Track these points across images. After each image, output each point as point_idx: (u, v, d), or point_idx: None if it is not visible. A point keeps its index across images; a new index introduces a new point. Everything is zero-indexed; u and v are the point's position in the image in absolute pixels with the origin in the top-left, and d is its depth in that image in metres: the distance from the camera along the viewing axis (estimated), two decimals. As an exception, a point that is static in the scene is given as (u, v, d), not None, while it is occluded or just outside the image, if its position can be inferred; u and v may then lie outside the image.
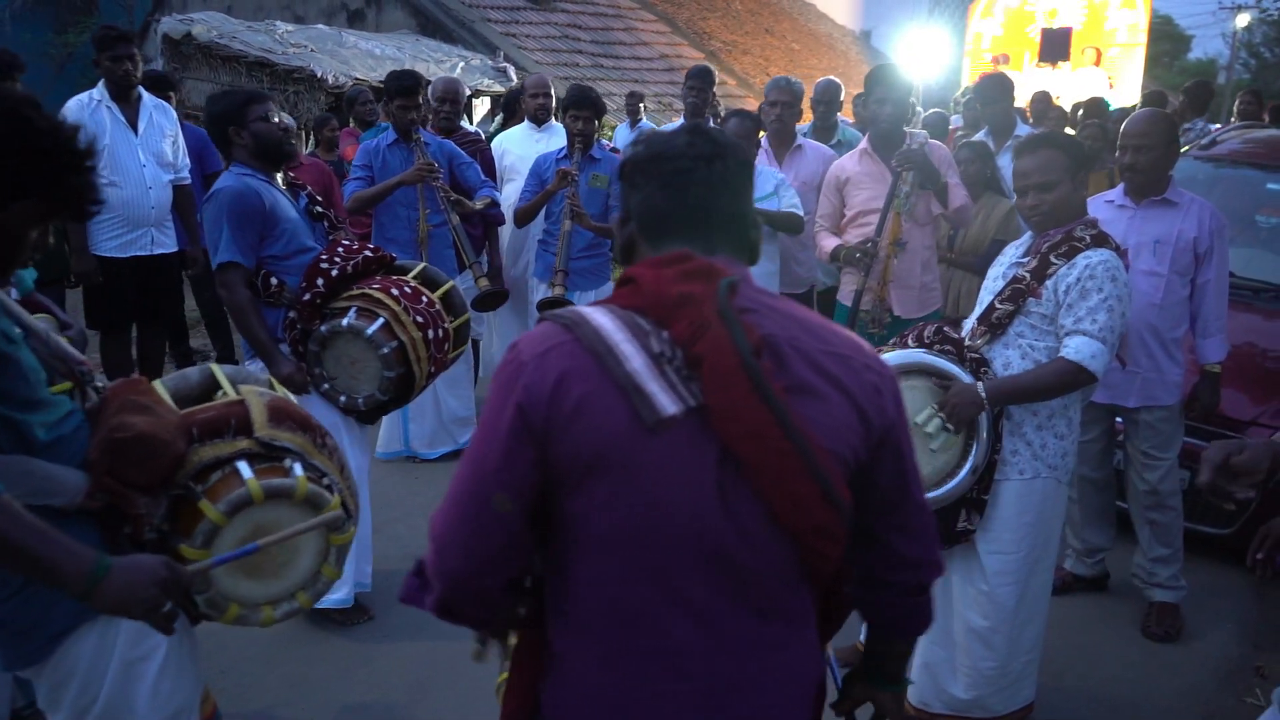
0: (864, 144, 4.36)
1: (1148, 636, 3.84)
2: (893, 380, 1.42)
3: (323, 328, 3.27)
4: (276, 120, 3.46)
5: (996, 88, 5.62)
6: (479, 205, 4.86)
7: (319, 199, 3.73)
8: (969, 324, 3.01)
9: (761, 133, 5.24)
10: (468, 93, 10.25)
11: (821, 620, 1.48)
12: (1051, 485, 2.96)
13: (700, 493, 1.30)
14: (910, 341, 2.95)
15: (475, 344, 5.70)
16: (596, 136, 7.66)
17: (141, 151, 5.09)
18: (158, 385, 2.23)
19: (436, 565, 1.37)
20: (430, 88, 5.66)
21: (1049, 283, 2.82)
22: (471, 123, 10.01)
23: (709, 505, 1.30)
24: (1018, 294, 2.86)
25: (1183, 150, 5.74)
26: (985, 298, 3.00)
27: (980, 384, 2.80)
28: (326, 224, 3.68)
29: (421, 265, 3.68)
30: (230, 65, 9.69)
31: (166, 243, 5.27)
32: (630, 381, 1.27)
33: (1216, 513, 4.32)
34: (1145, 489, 3.83)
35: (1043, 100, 8.58)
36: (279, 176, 3.60)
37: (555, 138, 5.72)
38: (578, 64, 12.96)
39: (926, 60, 12.22)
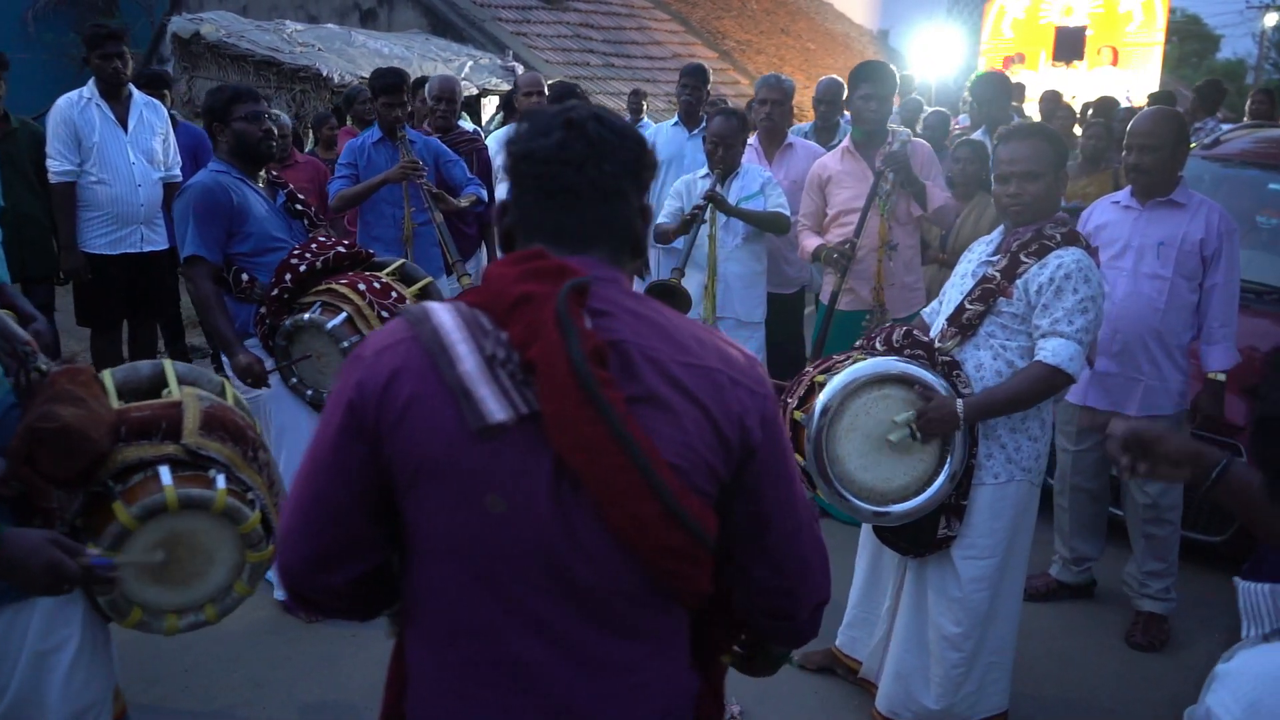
0: (846, 142, 4.31)
1: (1132, 646, 3.76)
2: (769, 401, 1.33)
3: (286, 322, 3.29)
4: (267, 119, 3.50)
5: (993, 86, 5.54)
6: (464, 203, 4.83)
7: (299, 196, 3.75)
8: (937, 325, 2.95)
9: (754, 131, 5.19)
10: (475, 91, 10.27)
11: (706, 642, 1.42)
12: (1025, 488, 2.91)
13: (534, 506, 1.23)
14: (878, 345, 2.89)
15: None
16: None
17: (131, 149, 5.10)
18: (105, 376, 2.22)
19: (278, 559, 1.35)
20: (427, 86, 5.65)
21: (1020, 282, 2.76)
22: (480, 122, 10.02)
23: (544, 519, 1.24)
24: (988, 294, 2.79)
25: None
26: (954, 296, 2.93)
27: (959, 401, 2.73)
28: (306, 221, 3.69)
29: (400, 261, 3.67)
30: (239, 64, 9.73)
31: (157, 240, 5.28)
32: (459, 384, 1.21)
33: (1208, 520, 4.23)
34: (1145, 502, 3.74)
35: (1051, 99, 8.49)
36: (261, 174, 3.63)
37: None
38: (589, 63, 12.92)
39: (941, 59, 12.11)
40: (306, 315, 3.25)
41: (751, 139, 5.23)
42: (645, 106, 8.02)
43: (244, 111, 3.49)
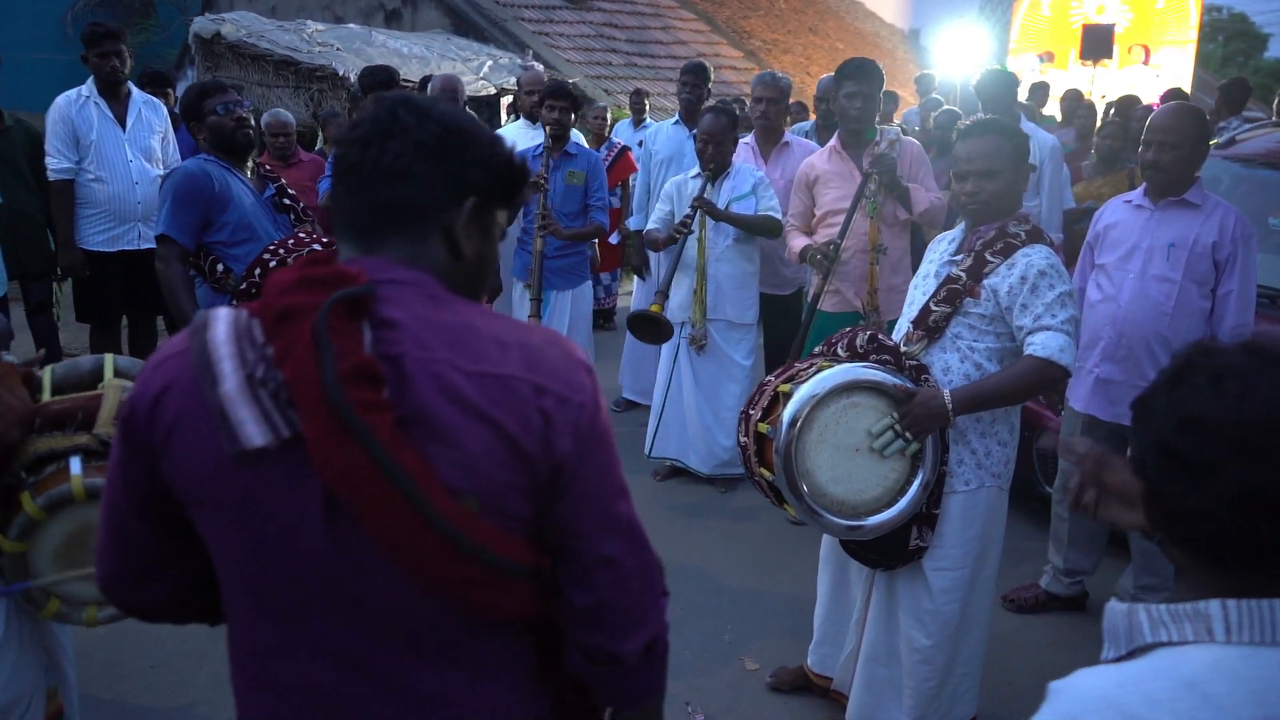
0: (834, 141, 4.22)
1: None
2: (584, 409, 1.20)
3: None
4: (239, 109, 3.50)
5: (998, 84, 5.40)
6: None
7: (290, 191, 3.75)
8: (901, 327, 2.86)
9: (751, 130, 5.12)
10: (493, 91, 10.27)
11: (552, 670, 1.33)
12: (995, 494, 2.82)
13: (306, 534, 1.15)
14: (842, 351, 2.79)
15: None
16: (608, 133, 7.63)
17: (129, 147, 5.13)
18: (46, 372, 2.20)
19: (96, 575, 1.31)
20: (430, 85, 5.64)
21: (988, 282, 2.66)
22: (500, 121, 10.03)
23: (320, 548, 1.15)
24: (954, 294, 2.70)
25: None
26: (917, 298, 2.84)
27: (946, 392, 2.64)
28: (292, 216, 3.69)
29: None
30: (258, 64, 9.83)
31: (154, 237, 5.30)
32: (218, 405, 1.12)
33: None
34: None
35: (1073, 98, 8.32)
36: (250, 165, 3.64)
37: None
38: (610, 63, 12.90)
39: (968, 59, 11.92)
40: None
41: (748, 138, 5.16)
42: (648, 106, 7.95)
43: (214, 104, 3.50)
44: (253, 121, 3.61)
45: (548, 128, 4.85)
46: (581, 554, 1.23)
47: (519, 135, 5.92)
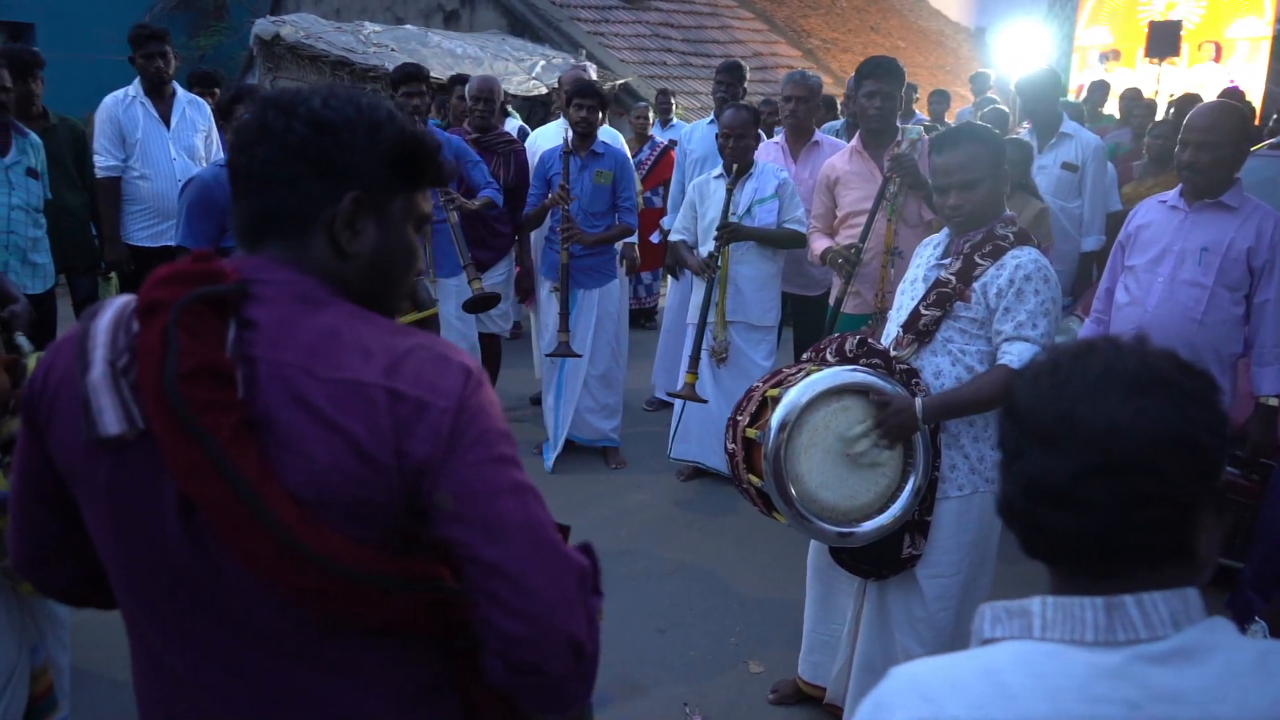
0: (855, 141, 4.16)
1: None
2: (447, 414, 1.15)
3: None
4: None
5: (1040, 84, 5.27)
6: (476, 205, 4.85)
7: None
8: (891, 331, 2.81)
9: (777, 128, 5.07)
10: (544, 91, 10.33)
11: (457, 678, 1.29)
12: (989, 500, 2.76)
13: (165, 528, 1.15)
14: (830, 356, 2.76)
15: (495, 339, 5.70)
16: (646, 130, 7.62)
17: (173, 146, 5.28)
18: (32, 358, 2.28)
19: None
20: (467, 86, 5.70)
21: (977, 285, 2.61)
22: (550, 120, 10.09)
23: (174, 543, 1.15)
24: (944, 298, 2.65)
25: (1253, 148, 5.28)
26: (905, 302, 2.79)
27: (918, 400, 2.60)
28: None
29: None
30: (315, 64, 10.01)
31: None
32: (84, 391, 1.14)
33: (1228, 543, 3.95)
34: None
35: (1132, 97, 8.08)
36: None
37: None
38: (665, 63, 12.87)
39: (1029, 57, 11.66)
40: None
41: (778, 137, 5.12)
42: (674, 106, 7.94)
43: (242, 111, 3.58)
44: None
45: (575, 126, 4.86)
46: (466, 561, 1.17)
47: (555, 135, 5.94)
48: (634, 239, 5.79)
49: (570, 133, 4.92)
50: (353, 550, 1.13)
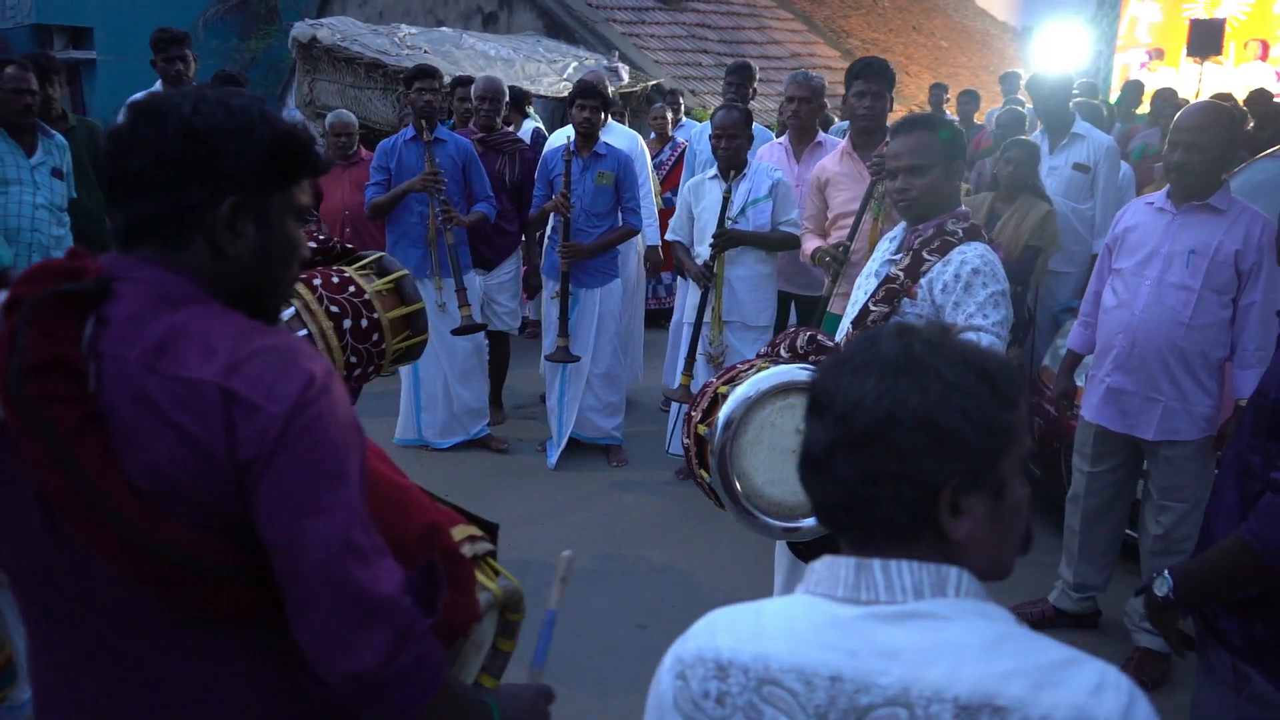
0: (844, 143, 4.17)
1: (1123, 684, 3.48)
2: (274, 418, 1.18)
3: None
4: None
5: (1051, 84, 5.22)
6: (468, 221, 4.97)
7: None
8: (843, 328, 2.82)
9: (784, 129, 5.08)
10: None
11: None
12: None
13: (27, 517, 1.20)
14: (783, 352, 2.77)
15: (504, 337, 5.78)
16: (667, 131, 7.66)
17: (193, 146, 5.44)
18: None
19: None
20: (473, 86, 5.79)
21: (924, 281, 2.62)
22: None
23: (37, 532, 1.20)
24: (892, 294, 2.66)
25: (1270, 151, 5.18)
26: (859, 297, 2.80)
27: None
28: None
29: (377, 255, 3.77)
30: (351, 66, 10.19)
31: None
32: None
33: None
34: (1157, 532, 3.44)
35: (1165, 97, 7.94)
36: None
37: (608, 135, 5.80)
38: (700, 64, 12.90)
39: (1067, 57, 11.48)
40: None
41: (782, 137, 5.13)
42: (683, 106, 7.96)
43: None
44: None
45: (578, 127, 4.91)
46: (281, 564, 1.20)
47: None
48: (656, 240, 5.85)
49: (573, 134, 4.98)
50: (192, 541, 1.18)
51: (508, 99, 5.86)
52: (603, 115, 4.99)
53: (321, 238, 3.64)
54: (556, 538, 4.40)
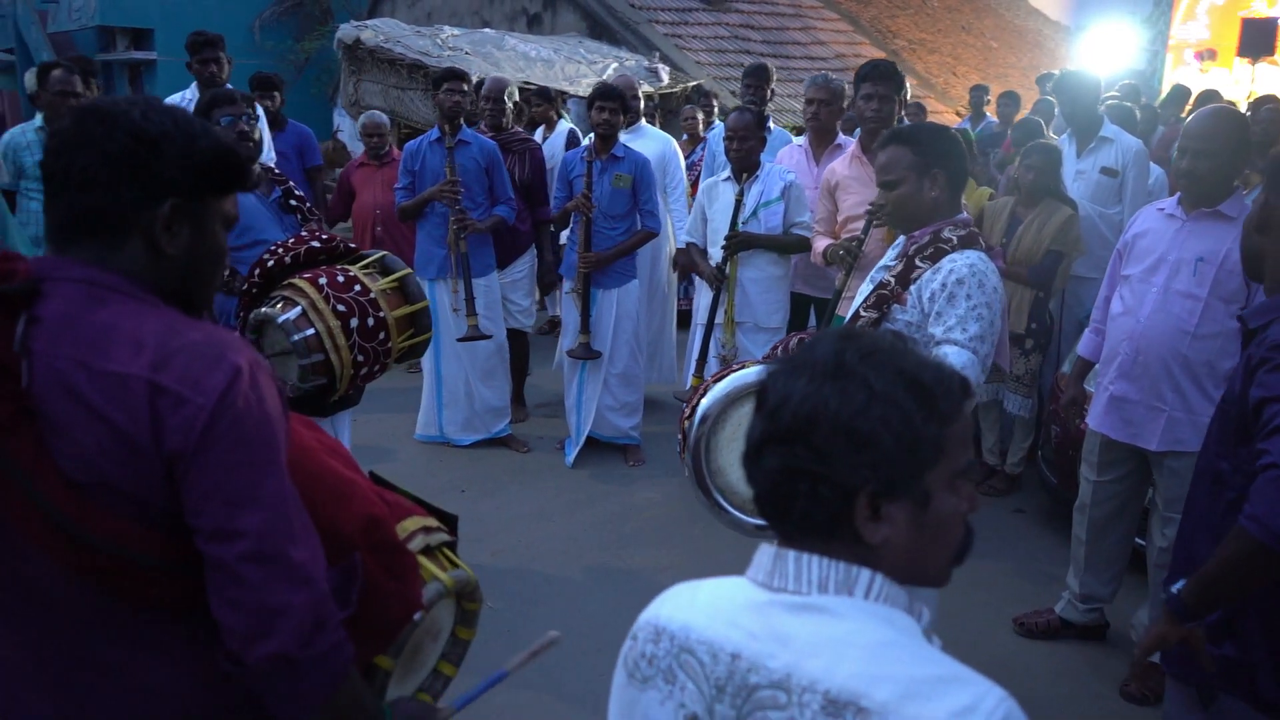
0: (853, 146, 4.15)
1: (1124, 697, 3.43)
2: (201, 410, 1.23)
3: (251, 316, 3.48)
4: (243, 122, 3.67)
5: (1077, 86, 5.14)
6: (484, 226, 5.03)
7: (296, 193, 3.97)
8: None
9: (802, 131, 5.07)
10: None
11: None
12: None
13: None
14: (779, 356, 2.80)
15: (524, 336, 5.84)
16: (698, 131, 7.66)
17: (223, 146, 5.58)
18: None
19: None
20: (484, 85, 5.86)
21: (914, 288, 2.61)
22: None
23: None
24: (882, 300, 2.66)
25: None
26: (856, 303, 2.81)
27: None
28: (299, 216, 3.90)
29: (380, 254, 3.83)
30: (394, 67, 10.35)
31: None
32: None
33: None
34: (1163, 545, 3.38)
35: (1207, 99, 7.73)
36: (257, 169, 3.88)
37: (640, 139, 5.86)
38: (743, 64, 12.79)
39: (1117, 57, 11.28)
40: (262, 309, 3.41)
41: (801, 140, 5.12)
42: (716, 107, 7.95)
43: (221, 115, 3.62)
44: (256, 136, 3.77)
45: (597, 129, 4.95)
46: (207, 550, 1.25)
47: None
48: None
49: (593, 135, 5.03)
50: (126, 532, 1.24)
51: (515, 99, 5.93)
52: (621, 117, 5.02)
53: (324, 237, 3.72)
54: (564, 535, 4.45)
